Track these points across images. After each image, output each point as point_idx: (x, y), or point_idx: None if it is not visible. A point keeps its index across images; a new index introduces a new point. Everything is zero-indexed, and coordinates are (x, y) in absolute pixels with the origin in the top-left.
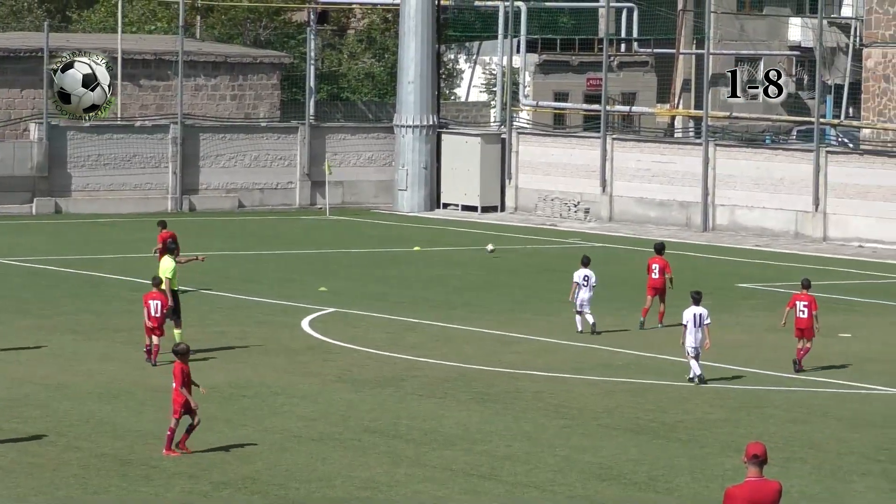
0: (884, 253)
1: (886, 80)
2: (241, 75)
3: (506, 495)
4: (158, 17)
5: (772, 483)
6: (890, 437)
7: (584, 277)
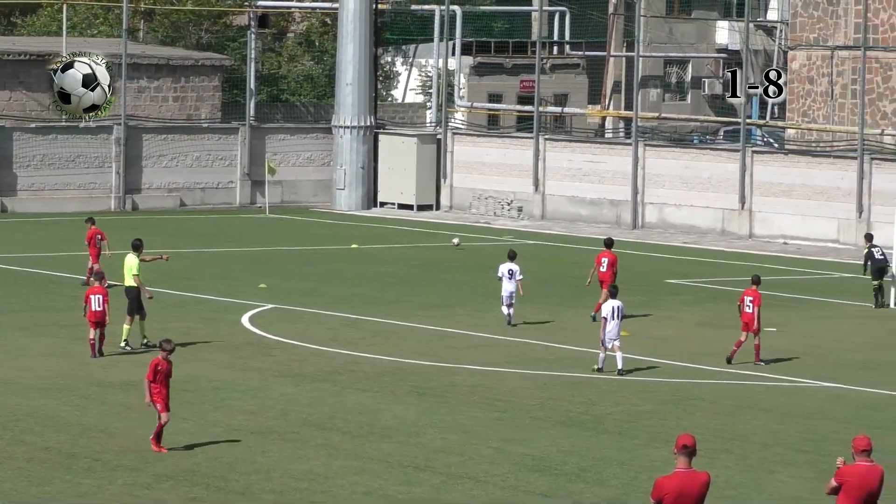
0: (808, 250)
1: (811, 81)
2: (184, 77)
3: (440, 486)
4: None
5: (700, 474)
6: (814, 428)
7: (509, 270)
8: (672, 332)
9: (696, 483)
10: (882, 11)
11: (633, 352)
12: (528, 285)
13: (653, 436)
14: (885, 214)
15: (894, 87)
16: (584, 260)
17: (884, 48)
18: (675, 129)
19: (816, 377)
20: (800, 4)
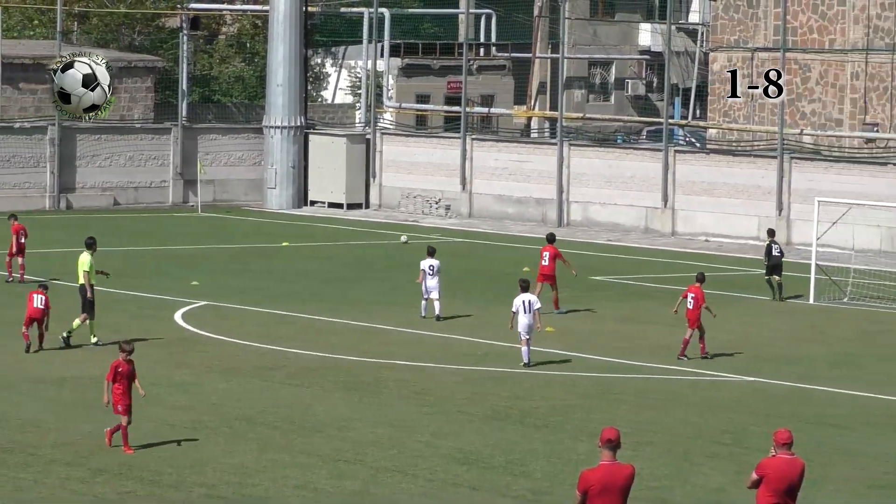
0: (729, 247)
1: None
2: (117, 78)
3: (370, 479)
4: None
5: (625, 466)
6: (736, 421)
7: (430, 266)
8: (597, 327)
9: (621, 475)
10: (801, 14)
11: (558, 347)
12: (457, 282)
13: (578, 429)
14: (804, 212)
15: (813, 88)
16: (511, 257)
17: (802, 50)
18: (600, 129)
19: (737, 371)
20: (720, 7)
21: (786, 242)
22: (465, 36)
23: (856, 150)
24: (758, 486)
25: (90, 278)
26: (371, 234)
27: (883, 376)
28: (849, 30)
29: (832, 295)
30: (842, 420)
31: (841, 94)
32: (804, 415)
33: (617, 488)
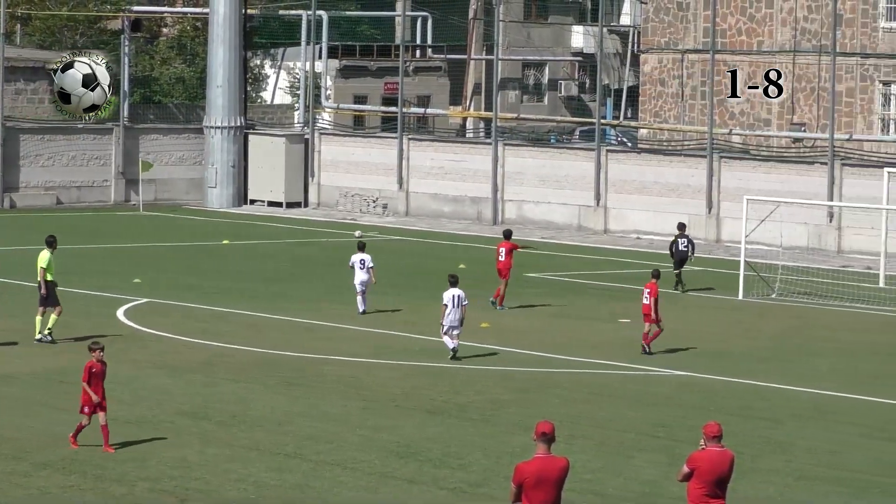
0: (660, 244)
1: (662, 83)
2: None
3: (310, 472)
4: None
5: (559, 459)
6: (668, 415)
7: (361, 261)
8: (531, 323)
9: (556, 468)
10: (729, 16)
11: (493, 342)
12: (394, 279)
13: (513, 423)
14: (733, 210)
15: (741, 89)
16: (447, 255)
17: (731, 51)
18: (533, 129)
19: (668, 366)
20: (651, 10)
21: (715, 240)
22: (402, 38)
23: (783, 149)
24: (689, 479)
25: (47, 274)
26: (310, 233)
27: (810, 370)
28: (776, 32)
29: (760, 291)
30: (770, 413)
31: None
32: (733, 408)
33: (551, 481)
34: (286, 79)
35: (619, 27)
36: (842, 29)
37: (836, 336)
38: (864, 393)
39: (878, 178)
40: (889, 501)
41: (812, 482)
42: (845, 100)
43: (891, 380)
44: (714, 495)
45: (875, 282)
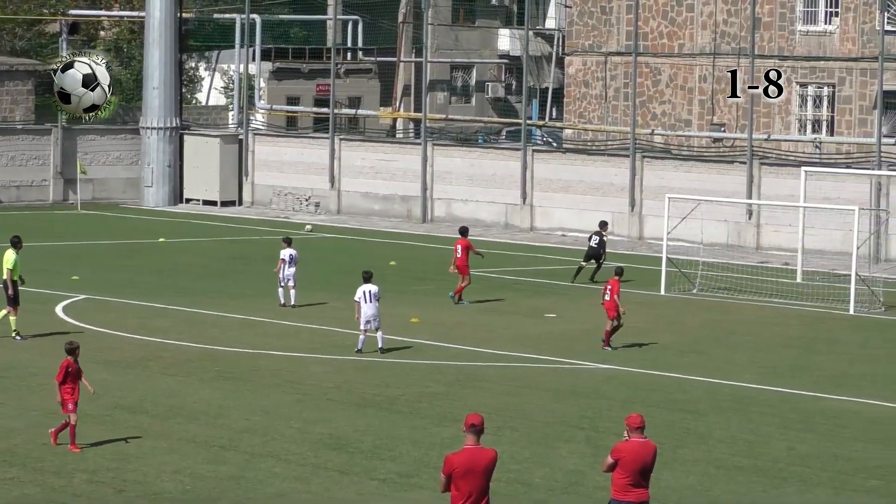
0: (584, 241)
1: (586, 85)
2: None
3: (244, 464)
4: None
5: (487, 450)
6: (592, 406)
7: (290, 255)
8: (460, 318)
9: (484, 459)
10: (651, 20)
11: (423, 337)
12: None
13: (442, 415)
14: (655, 208)
15: (663, 91)
16: (378, 252)
17: (653, 54)
18: (461, 129)
19: (593, 359)
20: (575, 13)
21: (638, 237)
22: (333, 41)
23: (704, 149)
24: (613, 469)
25: (13, 275)
26: (244, 231)
27: (729, 363)
28: (697, 35)
29: (682, 287)
30: (691, 405)
31: (690, 96)
32: (656, 400)
33: (480, 471)
34: (220, 81)
35: (544, 30)
36: (760, 32)
37: (756, 330)
38: (781, 385)
39: (795, 177)
40: (806, 490)
41: (732, 471)
42: (763, 101)
43: (807, 372)
44: (638, 485)
45: (793, 277)
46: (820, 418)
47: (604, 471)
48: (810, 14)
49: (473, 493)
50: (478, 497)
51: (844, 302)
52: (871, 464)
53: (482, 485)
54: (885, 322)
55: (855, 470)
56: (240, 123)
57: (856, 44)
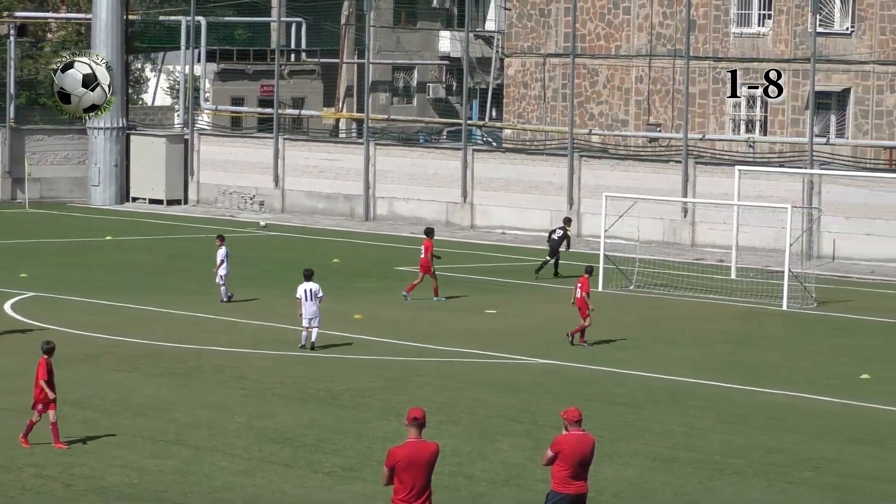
0: (523, 238)
1: (525, 86)
2: None
3: (191, 458)
4: None
5: (429, 444)
6: (532, 401)
7: (226, 253)
8: (402, 314)
9: (426, 452)
10: (589, 22)
11: (366, 333)
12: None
13: (385, 409)
14: (593, 206)
15: (600, 91)
16: (321, 249)
17: (591, 56)
18: (403, 129)
19: (532, 354)
20: (515, 16)
21: (576, 234)
22: (277, 42)
23: (640, 148)
24: (553, 463)
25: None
26: (190, 229)
27: (665, 358)
28: (633, 37)
29: (619, 283)
30: (629, 399)
31: (626, 97)
32: (594, 394)
33: (422, 464)
34: (166, 82)
35: (484, 32)
36: (695, 34)
37: (691, 325)
38: (716, 379)
39: (729, 176)
40: (742, 482)
41: (669, 463)
42: (698, 101)
43: (742, 366)
44: (577, 477)
45: (727, 274)
46: (755, 411)
47: (543, 464)
48: (744, 16)
49: (416, 485)
50: (420, 490)
51: (777, 298)
52: (805, 456)
53: (424, 477)
54: (817, 317)
55: (789, 462)
56: (185, 123)
57: (788, 45)
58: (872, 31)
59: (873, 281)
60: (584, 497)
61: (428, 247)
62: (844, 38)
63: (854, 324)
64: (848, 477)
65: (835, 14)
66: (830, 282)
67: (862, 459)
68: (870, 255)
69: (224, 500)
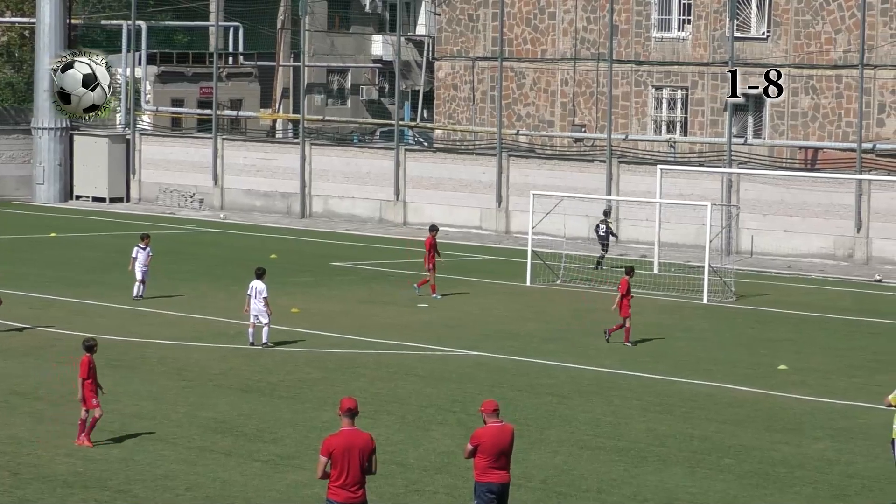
0: (454, 235)
1: (455, 88)
2: None
3: (134, 447)
4: None
5: (363, 433)
6: (463, 391)
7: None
8: (338, 308)
9: (360, 440)
10: (516, 27)
11: (303, 326)
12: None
13: (322, 400)
14: (520, 204)
15: (527, 93)
16: (258, 245)
17: (518, 59)
18: (338, 130)
19: (463, 346)
20: (444, 21)
21: (505, 231)
22: (215, 46)
23: (566, 148)
24: (474, 455)
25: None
26: (132, 226)
27: (591, 350)
28: (559, 41)
29: (546, 278)
30: (556, 389)
31: (552, 99)
32: (522, 385)
33: (356, 451)
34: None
35: (415, 37)
36: (618, 39)
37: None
38: (641, 370)
39: (651, 175)
40: (664, 468)
41: (596, 451)
42: (621, 103)
43: (664, 358)
44: (499, 466)
45: (650, 269)
46: (677, 401)
47: (465, 457)
48: (665, 21)
49: (350, 473)
50: (354, 478)
51: (698, 292)
52: (725, 443)
53: (358, 465)
54: (736, 310)
55: (710, 449)
56: (127, 124)
57: (707, 49)
58: (787, 35)
59: (790, 275)
60: (507, 486)
61: (428, 243)
62: (761, 43)
63: (771, 316)
64: (766, 464)
65: (751, 19)
66: (749, 276)
67: (779, 446)
68: (786, 251)
69: (166, 488)
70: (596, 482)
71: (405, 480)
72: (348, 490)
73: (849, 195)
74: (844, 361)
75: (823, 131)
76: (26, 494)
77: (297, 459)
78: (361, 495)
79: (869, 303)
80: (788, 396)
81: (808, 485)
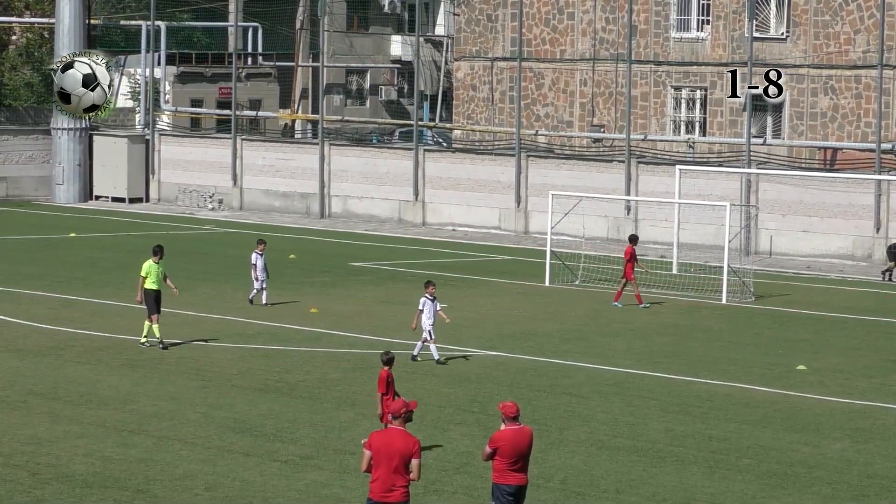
0: (473, 235)
1: (474, 88)
2: None
3: (153, 447)
4: None
5: (409, 437)
6: (481, 391)
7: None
8: (356, 308)
9: (401, 442)
10: (535, 27)
11: (322, 326)
12: (229, 269)
13: (340, 400)
14: (539, 204)
15: (546, 94)
16: (277, 246)
17: (537, 59)
18: (356, 130)
19: (481, 346)
20: (463, 21)
21: (524, 231)
22: (234, 46)
23: (584, 148)
24: (493, 458)
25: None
26: (151, 226)
27: (610, 350)
28: (577, 41)
29: (565, 278)
30: (574, 389)
31: (571, 99)
32: (541, 385)
33: (396, 453)
34: (128, 84)
35: (434, 37)
36: (637, 39)
37: (634, 318)
38: (659, 370)
39: (670, 175)
40: (683, 468)
41: (614, 452)
42: (640, 103)
43: (683, 358)
44: (517, 469)
45: (669, 269)
46: (695, 401)
47: (484, 460)
48: (684, 22)
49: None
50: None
51: (717, 292)
52: (744, 444)
53: (394, 467)
54: (754, 311)
55: (728, 449)
56: (146, 124)
57: (726, 49)
58: (806, 35)
59: (808, 276)
60: (525, 488)
61: (628, 253)
62: (780, 43)
63: (790, 317)
64: (784, 464)
65: (770, 20)
66: (767, 277)
67: (798, 447)
68: (805, 251)
69: (185, 488)
70: (614, 482)
71: (423, 481)
72: (381, 489)
73: (868, 195)
74: (863, 362)
75: (842, 131)
76: (45, 494)
77: (316, 459)
78: (394, 497)
79: (889, 303)
80: (807, 397)
81: (826, 485)
